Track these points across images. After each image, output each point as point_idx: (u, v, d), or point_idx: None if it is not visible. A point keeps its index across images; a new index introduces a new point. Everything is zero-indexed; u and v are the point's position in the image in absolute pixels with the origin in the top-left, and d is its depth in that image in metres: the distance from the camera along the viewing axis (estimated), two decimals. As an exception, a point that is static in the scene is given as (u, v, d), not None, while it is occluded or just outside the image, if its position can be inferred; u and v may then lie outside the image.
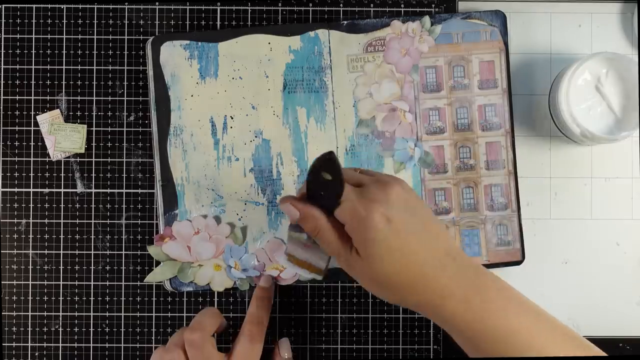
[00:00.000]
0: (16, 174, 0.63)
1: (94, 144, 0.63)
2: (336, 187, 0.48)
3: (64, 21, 0.63)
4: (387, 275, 0.47)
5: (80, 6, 0.63)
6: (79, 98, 0.63)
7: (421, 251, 0.47)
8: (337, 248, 0.49)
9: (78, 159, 0.63)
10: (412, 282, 0.47)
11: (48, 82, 0.63)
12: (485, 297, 0.48)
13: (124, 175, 0.63)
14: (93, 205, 0.63)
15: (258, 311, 0.58)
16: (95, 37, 0.63)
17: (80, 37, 0.63)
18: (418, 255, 0.47)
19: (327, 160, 0.47)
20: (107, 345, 0.63)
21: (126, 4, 0.64)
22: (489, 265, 0.62)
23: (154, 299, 0.63)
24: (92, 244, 0.63)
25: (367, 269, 0.48)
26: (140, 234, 0.63)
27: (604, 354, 0.49)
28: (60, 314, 0.63)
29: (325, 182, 0.48)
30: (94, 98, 0.63)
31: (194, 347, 0.54)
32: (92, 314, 0.63)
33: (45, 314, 0.63)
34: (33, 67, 0.63)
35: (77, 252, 0.63)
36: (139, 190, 0.63)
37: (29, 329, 0.63)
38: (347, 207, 0.47)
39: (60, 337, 0.63)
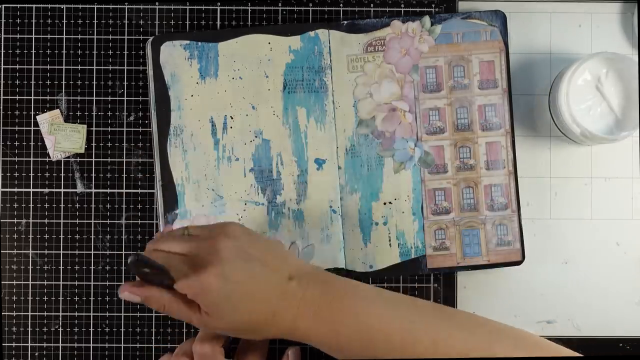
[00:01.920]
0: (16, 174, 0.63)
1: (94, 144, 0.63)
2: (161, 273, 0.48)
3: (64, 21, 0.63)
4: (242, 323, 0.50)
5: (80, 6, 0.63)
6: (79, 98, 0.63)
7: (265, 289, 0.49)
8: (187, 315, 0.50)
9: (78, 159, 0.63)
10: (265, 320, 0.50)
11: (48, 82, 0.63)
12: (333, 305, 0.49)
13: (124, 175, 0.63)
14: (93, 205, 0.63)
15: None
16: (95, 37, 0.63)
17: (80, 37, 0.63)
18: (263, 295, 0.49)
19: (135, 265, 0.47)
20: (107, 345, 0.63)
21: (126, 4, 0.64)
22: (489, 265, 0.62)
23: (154, 299, 0.63)
24: (92, 244, 0.63)
25: (222, 324, 0.50)
26: (140, 234, 0.63)
27: (470, 317, 0.49)
28: (60, 314, 0.63)
29: (150, 273, 0.48)
30: (94, 98, 0.63)
31: (206, 345, 0.54)
32: (92, 314, 0.63)
33: (45, 314, 0.63)
34: (33, 67, 0.63)
35: (77, 252, 0.63)
36: (139, 190, 0.63)
37: (29, 329, 0.63)
38: (183, 282, 0.48)
39: (60, 337, 0.63)
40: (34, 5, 0.63)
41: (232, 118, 0.62)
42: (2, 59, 0.63)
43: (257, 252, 0.50)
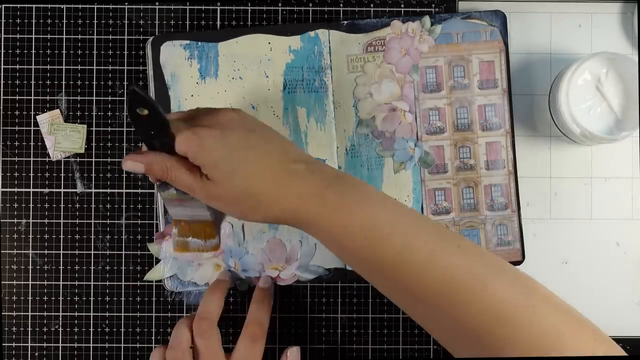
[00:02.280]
0: (16, 174, 0.63)
1: (94, 144, 0.63)
2: (158, 118, 0.47)
3: (64, 21, 0.63)
4: (243, 190, 0.48)
5: (80, 6, 0.63)
6: (79, 98, 0.63)
7: (267, 161, 0.49)
8: (189, 180, 0.49)
9: (78, 159, 0.63)
10: (268, 192, 0.48)
11: (48, 82, 0.63)
12: (341, 192, 0.49)
13: (124, 175, 0.63)
14: (93, 205, 0.63)
15: (258, 312, 0.58)
16: (95, 37, 0.63)
17: (80, 37, 0.63)
18: (265, 165, 0.48)
19: (132, 96, 0.46)
20: (107, 345, 0.63)
21: (126, 4, 0.64)
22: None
23: (154, 299, 0.63)
24: (92, 244, 0.63)
25: (222, 190, 0.48)
26: (140, 233, 0.63)
27: (473, 245, 0.49)
28: (60, 314, 0.63)
29: (148, 119, 0.47)
30: (94, 98, 0.63)
31: (202, 337, 0.55)
32: (92, 314, 0.63)
33: (45, 314, 0.63)
34: (33, 67, 0.63)
35: (77, 252, 0.63)
36: (139, 190, 0.63)
37: (29, 329, 0.63)
38: (182, 138, 0.48)
39: (60, 337, 0.63)
40: (34, 5, 0.63)
41: (232, 118, 0.62)
42: (2, 59, 0.63)
43: (262, 130, 0.50)
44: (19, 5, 0.63)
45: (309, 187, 0.49)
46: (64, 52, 0.63)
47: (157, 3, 0.64)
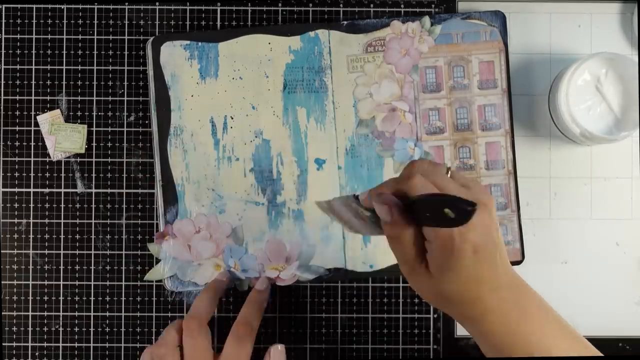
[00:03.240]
0: (16, 174, 0.63)
1: (94, 144, 0.63)
2: (449, 223, 0.42)
3: (64, 21, 0.63)
4: (450, 293, 0.47)
5: (80, 6, 0.63)
6: (79, 98, 0.63)
7: (488, 276, 0.47)
8: (409, 259, 0.46)
9: (78, 159, 0.63)
10: (469, 300, 0.47)
11: (48, 82, 0.63)
12: (523, 315, 0.48)
13: (124, 175, 0.63)
14: (93, 205, 0.63)
15: (248, 313, 0.58)
16: (95, 37, 0.63)
17: (80, 37, 0.63)
18: (484, 280, 0.47)
19: (465, 211, 0.40)
20: (107, 345, 0.63)
21: (126, 4, 0.64)
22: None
23: (154, 299, 0.63)
24: (92, 244, 0.63)
25: (433, 285, 0.47)
26: (140, 233, 0.63)
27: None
28: (60, 314, 0.63)
29: (441, 216, 0.41)
30: (94, 98, 0.63)
31: (190, 335, 0.55)
32: (92, 314, 0.63)
33: (45, 314, 0.63)
34: (33, 67, 0.63)
35: (77, 252, 0.63)
36: (139, 190, 0.63)
37: (29, 329, 0.63)
38: (444, 232, 0.44)
39: (60, 337, 0.63)
40: (34, 6, 0.63)
41: (232, 118, 0.62)
42: (2, 59, 0.63)
43: (498, 237, 0.47)
44: (19, 5, 0.63)
45: (497, 305, 0.47)
46: (64, 52, 0.63)
47: (157, 3, 0.64)
